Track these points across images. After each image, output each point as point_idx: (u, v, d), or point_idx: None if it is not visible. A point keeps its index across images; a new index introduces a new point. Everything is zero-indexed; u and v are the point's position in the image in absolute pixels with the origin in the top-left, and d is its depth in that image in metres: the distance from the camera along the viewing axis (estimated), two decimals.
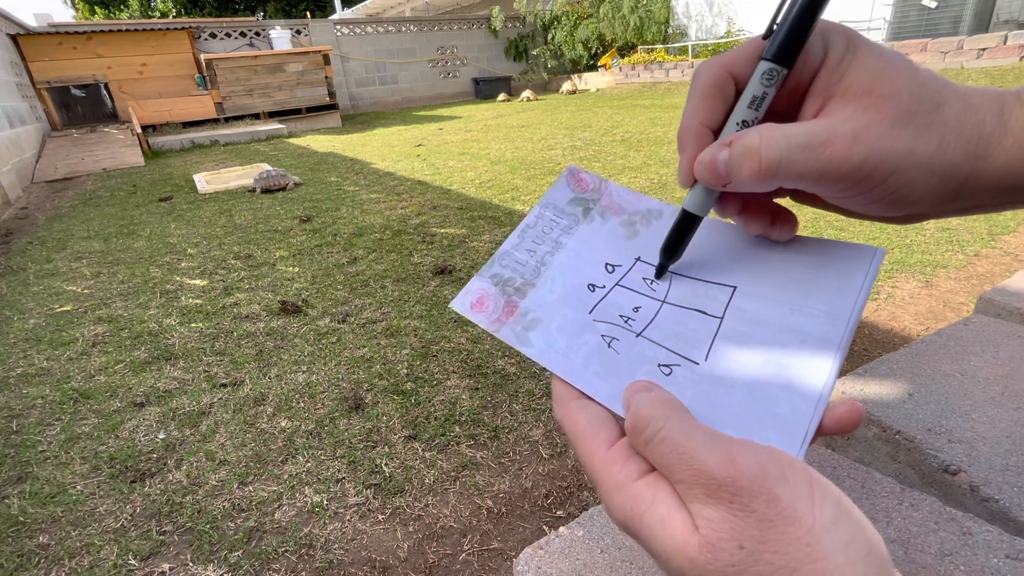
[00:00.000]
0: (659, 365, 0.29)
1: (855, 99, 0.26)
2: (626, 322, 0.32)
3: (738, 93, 0.29)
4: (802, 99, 0.29)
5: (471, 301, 0.34)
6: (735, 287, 0.31)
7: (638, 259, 0.34)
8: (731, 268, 0.32)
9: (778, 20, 0.27)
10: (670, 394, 0.26)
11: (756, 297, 0.31)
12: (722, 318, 0.30)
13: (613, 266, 0.34)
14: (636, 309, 0.32)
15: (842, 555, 0.19)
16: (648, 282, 0.33)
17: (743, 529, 0.19)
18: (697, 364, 0.29)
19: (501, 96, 12.99)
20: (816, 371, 0.27)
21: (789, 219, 0.32)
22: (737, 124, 0.28)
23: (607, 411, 0.27)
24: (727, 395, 0.28)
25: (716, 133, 0.29)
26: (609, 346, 0.30)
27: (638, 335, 0.31)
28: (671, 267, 0.34)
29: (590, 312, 0.32)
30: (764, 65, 0.27)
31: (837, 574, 0.18)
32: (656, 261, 0.34)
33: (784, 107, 0.29)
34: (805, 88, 0.28)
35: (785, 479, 0.20)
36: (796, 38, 0.27)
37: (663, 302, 0.32)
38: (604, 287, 0.33)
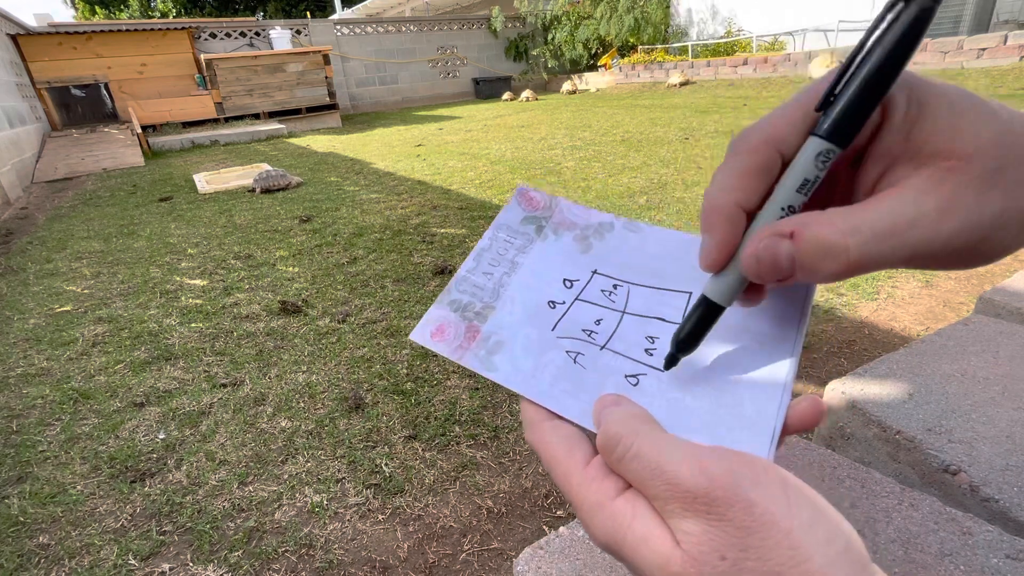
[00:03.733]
0: (626, 376, 0.29)
1: (930, 162, 0.23)
2: (589, 336, 0.32)
3: (783, 169, 0.26)
4: (855, 161, 0.26)
5: (431, 330, 0.33)
6: (690, 292, 0.32)
7: (595, 272, 0.35)
8: (684, 275, 0.33)
9: (837, 90, 0.23)
10: (639, 407, 0.26)
11: None
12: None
13: (571, 281, 0.34)
14: (598, 322, 0.32)
15: (822, 554, 0.19)
16: (606, 294, 0.33)
17: (723, 539, 0.19)
18: (662, 372, 0.29)
19: (506, 95, 12.98)
20: (775, 371, 0.28)
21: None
22: (783, 209, 0.25)
23: (579, 429, 0.27)
24: (694, 401, 0.28)
25: (749, 214, 0.26)
26: (575, 362, 0.31)
27: (602, 348, 0.31)
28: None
29: (552, 329, 0.32)
30: (817, 143, 0.24)
31: (821, 574, 0.18)
32: (612, 272, 0.34)
33: (832, 170, 0.26)
34: (861, 149, 0.25)
35: (759, 484, 0.20)
36: (858, 115, 0.23)
37: (623, 312, 0.32)
38: (564, 303, 0.33)
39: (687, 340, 0.28)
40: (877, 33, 0.23)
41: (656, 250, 0.34)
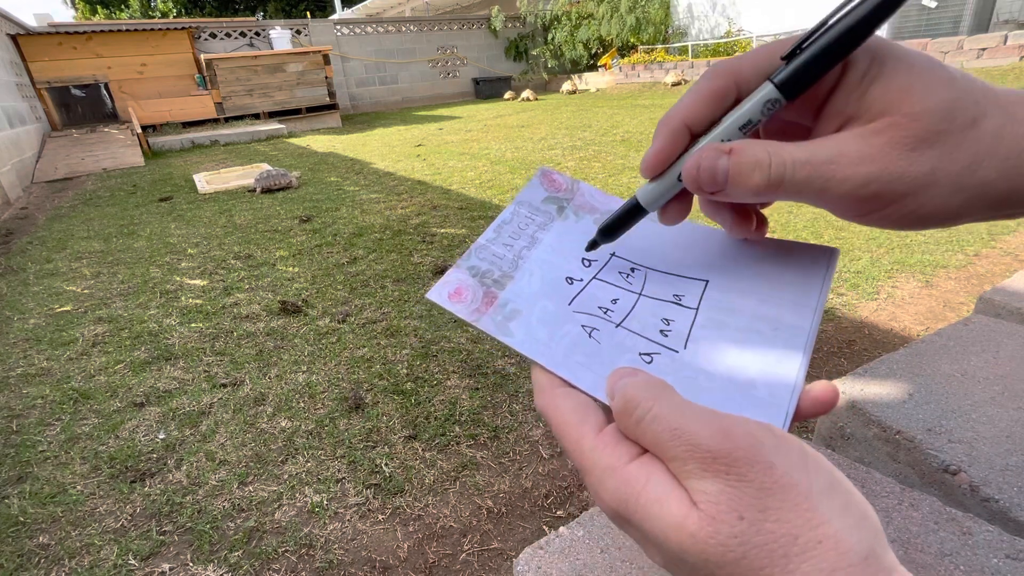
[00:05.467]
0: (640, 354, 0.30)
1: (876, 119, 0.24)
2: (605, 313, 0.32)
3: (736, 101, 0.28)
4: (816, 116, 0.27)
5: (449, 291, 0.34)
6: (707, 280, 0.33)
7: (613, 254, 0.35)
8: (701, 265, 0.34)
9: (804, 45, 0.25)
10: (656, 376, 0.25)
11: (727, 290, 0.32)
12: (697, 308, 0.32)
13: (589, 261, 0.35)
14: (614, 301, 0.33)
15: (840, 519, 0.19)
16: (624, 276, 0.34)
17: (742, 499, 0.19)
18: (677, 352, 0.30)
19: (508, 95, 12.98)
20: (790, 356, 0.28)
21: (764, 222, 0.33)
22: (721, 142, 0.28)
23: (591, 398, 0.27)
24: (708, 381, 0.28)
25: (693, 135, 0.29)
26: (590, 336, 0.31)
27: (618, 325, 0.31)
28: (623, 254, 0.35)
29: (569, 304, 0.33)
30: (769, 90, 0.26)
31: (837, 538, 0.18)
32: (630, 256, 0.35)
33: (795, 120, 0.28)
34: (820, 104, 0.27)
35: (779, 448, 0.20)
36: (811, 73, 0.25)
37: (640, 295, 0.33)
38: (582, 280, 0.34)
39: (608, 229, 0.33)
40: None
41: (673, 239, 0.35)
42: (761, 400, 0.27)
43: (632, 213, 0.32)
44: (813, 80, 0.25)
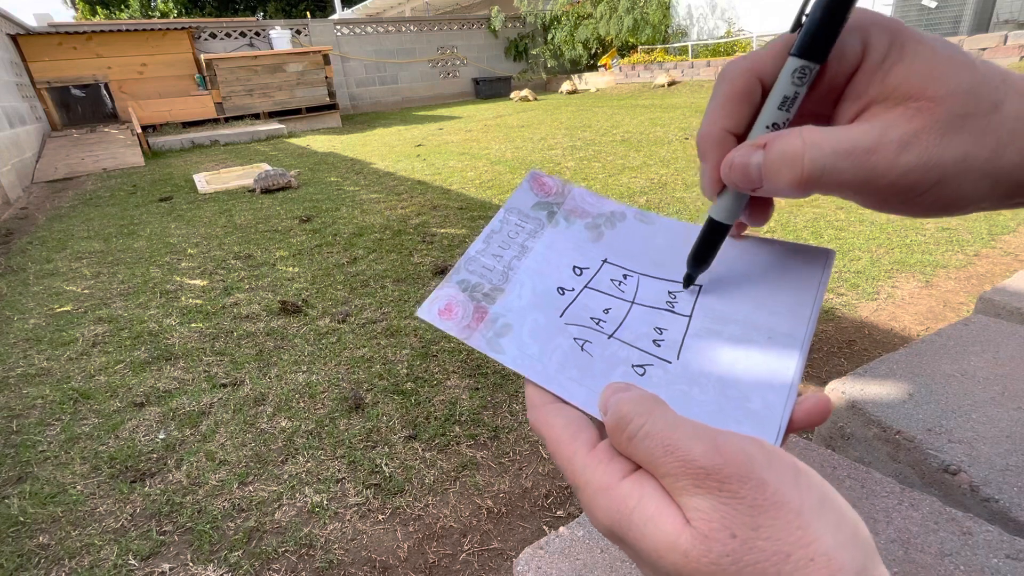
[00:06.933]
0: (633, 366, 0.30)
1: (903, 102, 0.24)
2: (597, 324, 0.32)
3: (764, 95, 0.27)
4: (836, 102, 0.27)
5: (439, 308, 0.33)
6: (700, 285, 0.32)
7: (605, 261, 0.35)
8: None
9: (807, 10, 0.25)
10: (648, 391, 0.25)
11: (721, 295, 0.31)
12: (690, 316, 0.31)
13: (581, 269, 0.34)
14: (606, 311, 0.32)
15: (831, 537, 0.19)
16: (616, 283, 0.33)
17: (734, 517, 0.19)
18: (670, 363, 0.29)
19: (513, 95, 12.94)
20: (784, 366, 0.28)
21: (770, 204, 0.32)
22: (767, 127, 0.27)
23: (584, 414, 0.27)
24: (701, 393, 0.28)
25: (739, 139, 0.28)
26: (582, 349, 0.30)
27: (610, 336, 0.31)
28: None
29: (561, 315, 0.32)
30: (794, 62, 0.25)
31: (829, 556, 0.18)
32: (622, 262, 0.34)
33: (816, 111, 0.28)
34: (840, 90, 0.26)
35: (771, 465, 0.20)
36: (828, 29, 0.24)
37: (632, 303, 0.32)
38: (573, 290, 0.33)
39: (698, 257, 0.31)
40: None
41: (668, 242, 0.34)
42: (755, 412, 0.27)
43: (713, 234, 0.30)
44: (831, 35, 0.24)
